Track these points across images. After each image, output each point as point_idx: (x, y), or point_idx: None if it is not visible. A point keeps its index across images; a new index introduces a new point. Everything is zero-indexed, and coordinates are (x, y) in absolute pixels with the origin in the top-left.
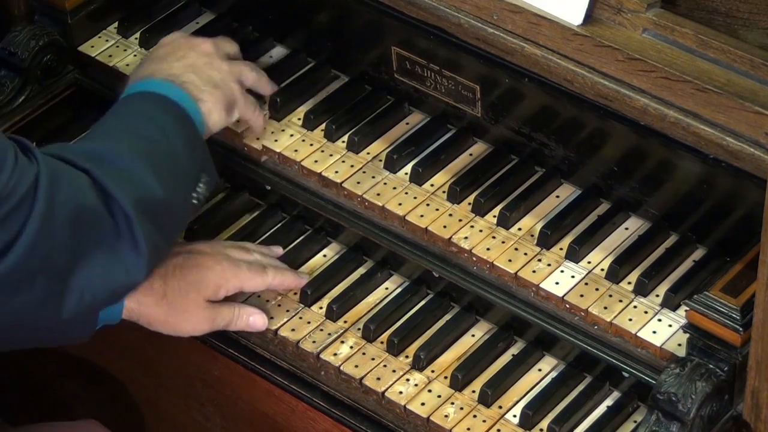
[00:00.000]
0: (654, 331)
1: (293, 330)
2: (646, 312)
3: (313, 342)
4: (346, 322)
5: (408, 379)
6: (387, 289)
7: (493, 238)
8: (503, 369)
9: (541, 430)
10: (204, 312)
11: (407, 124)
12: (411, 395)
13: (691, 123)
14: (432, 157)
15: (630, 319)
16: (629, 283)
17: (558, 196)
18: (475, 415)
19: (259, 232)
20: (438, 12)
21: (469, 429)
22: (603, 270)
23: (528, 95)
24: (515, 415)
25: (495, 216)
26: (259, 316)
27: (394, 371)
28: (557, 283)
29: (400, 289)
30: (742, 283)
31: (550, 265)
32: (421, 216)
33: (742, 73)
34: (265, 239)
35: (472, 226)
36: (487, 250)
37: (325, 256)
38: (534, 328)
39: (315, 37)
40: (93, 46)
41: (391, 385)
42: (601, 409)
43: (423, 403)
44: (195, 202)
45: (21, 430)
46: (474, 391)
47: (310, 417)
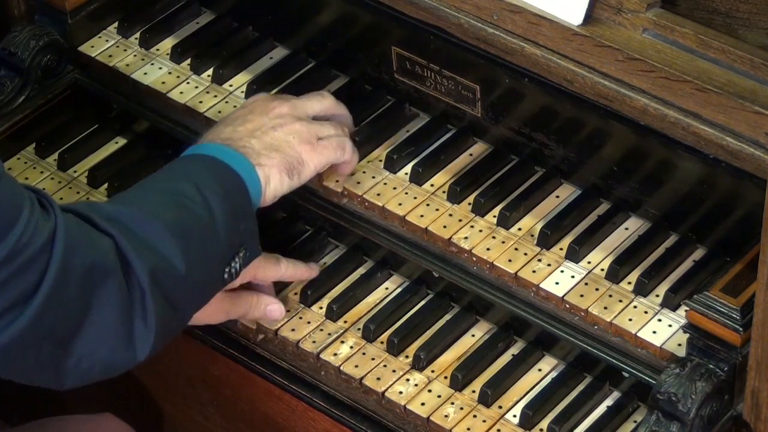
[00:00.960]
0: (654, 331)
1: (293, 330)
2: (646, 312)
3: (313, 342)
4: (346, 322)
5: (408, 379)
6: (387, 289)
7: (493, 238)
8: (503, 369)
9: (541, 430)
10: (220, 301)
11: (407, 124)
12: (411, 395)
13: (691, 123)
14: (432, 157)
15: (630, 319)
16: (629, 283)
17: (558, 196)
18: (475, 415)
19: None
20: (438, 12)
21: (469, 429)
22: (603, 270)
23: (528, 95)
24: (515, 415)
25: (495, 216)
26: (276, 306)
27: (394, 371)
28: (557, 283)
29: (400, 289)
30: (742, 283)
31: (550, 265)
32: (421, 216)
33: (742, 73)
34: (265, 239)
35: (472, 226)
36: (487, 250)
37: (325, 256)
38: (534, 328)
39: (315, 37)
40: (93, 47)
41: (391, 385)
42: (601, 409)
43: (423, 403)
44: (225, 277)
45: (37, 423)
46: (474, 391)
47: (310, 417)
